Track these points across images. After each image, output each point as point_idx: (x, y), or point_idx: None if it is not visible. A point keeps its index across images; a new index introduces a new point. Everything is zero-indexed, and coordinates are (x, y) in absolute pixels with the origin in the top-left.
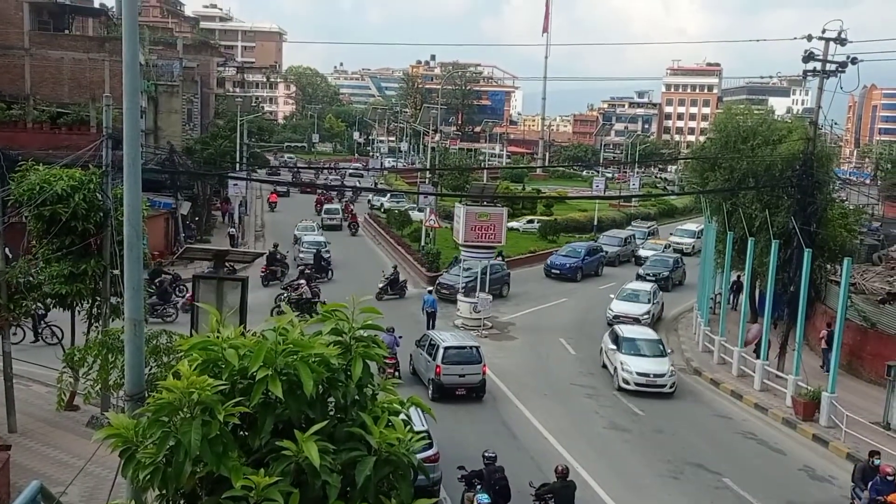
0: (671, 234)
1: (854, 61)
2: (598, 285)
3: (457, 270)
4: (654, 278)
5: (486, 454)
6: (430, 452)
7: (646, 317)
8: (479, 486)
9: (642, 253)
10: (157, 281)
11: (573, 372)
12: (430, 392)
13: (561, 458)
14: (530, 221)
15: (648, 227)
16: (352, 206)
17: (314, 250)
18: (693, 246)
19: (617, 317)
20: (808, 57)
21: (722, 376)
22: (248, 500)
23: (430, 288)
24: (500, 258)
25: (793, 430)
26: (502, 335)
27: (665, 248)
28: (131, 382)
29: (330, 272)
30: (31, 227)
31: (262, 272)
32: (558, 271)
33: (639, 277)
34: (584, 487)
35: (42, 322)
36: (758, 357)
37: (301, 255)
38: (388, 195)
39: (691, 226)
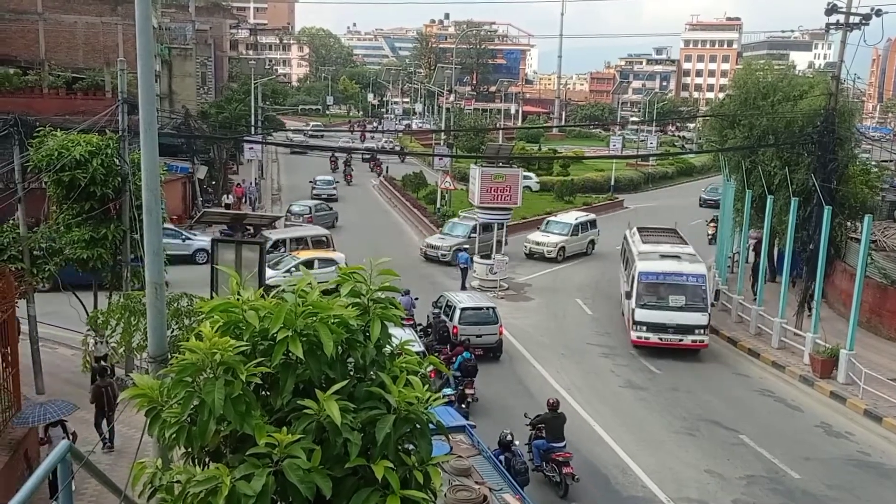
0: (538, 228)
1: (878, 13)
2: None
3: None
4: None
5: (434, 311)
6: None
7: None
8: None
9: None
10: None
11: (589, 332)
12: None
13: (577, 416)
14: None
15: (577, 221)
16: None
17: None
18: (563, 248)
19: None
20: (831, 9)
21: (739, 335)
22: (272, 456)
23: (466, 245)
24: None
25: (810, 388)
26: (519, 296)
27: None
28: (154, 344)
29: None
30: (51, 192)
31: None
32: None
33: None
34: (601, 444)
35: None
36: None
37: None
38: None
39: (568, 216)
